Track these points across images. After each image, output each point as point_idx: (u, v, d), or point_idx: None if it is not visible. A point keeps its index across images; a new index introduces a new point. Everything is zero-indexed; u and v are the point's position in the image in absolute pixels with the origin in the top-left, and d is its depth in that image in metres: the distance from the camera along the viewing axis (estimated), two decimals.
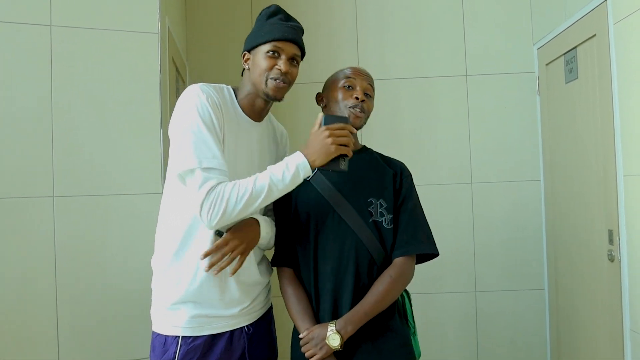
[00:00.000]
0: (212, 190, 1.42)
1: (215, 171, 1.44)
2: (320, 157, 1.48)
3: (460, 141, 3.19)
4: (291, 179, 1.47)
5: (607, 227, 2.38)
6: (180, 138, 1.47)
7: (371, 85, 1.75)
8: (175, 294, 1.56)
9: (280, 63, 1.58)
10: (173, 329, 1.56)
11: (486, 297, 3.16)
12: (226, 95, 1.62)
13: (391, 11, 3.23)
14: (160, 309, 1.60)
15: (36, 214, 2.06)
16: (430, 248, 1.68)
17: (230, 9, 3.25)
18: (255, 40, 1.60)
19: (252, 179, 1.46)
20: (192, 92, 1.52)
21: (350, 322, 1.57)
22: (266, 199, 1.46)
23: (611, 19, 2.30)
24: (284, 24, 1.61)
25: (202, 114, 1.47)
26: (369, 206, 1.65)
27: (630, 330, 2.23)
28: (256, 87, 1.61)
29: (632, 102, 2.18)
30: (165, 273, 1.58)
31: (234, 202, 1.42)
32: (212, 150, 1.45)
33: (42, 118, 2.08)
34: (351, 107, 1.67)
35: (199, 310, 1.55)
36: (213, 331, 1.57)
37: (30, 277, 2.05)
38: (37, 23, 2.07)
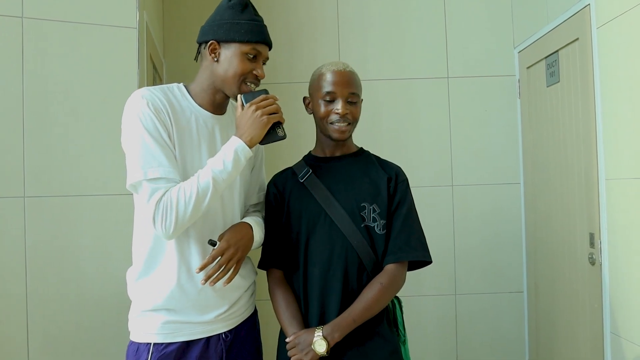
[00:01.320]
0: (160, 200, 1.39)
1: (162, 180, 1.41)
2: (256, 132, 1.46)
3: (441, 143, 3.18)
4: (233, 165, 1.44)
5: (588, 231, 2.39)
6: (127, 150, 1.45)
7: (355, 88, 1.66)
8: (148, 301, 1.51)
9: (258, 69, 1.54)
10: (145, 335, 1.51)
11: (466, 299, 3.15)
12: (177, 94, 1.55)
13: (373, 12, 3.20)
14: (134, 316, 1.55)
15: (7, 215, 1.97)
16: (423, 255, 1.64)
17: (207, 6, 3.18)
18: (233, 36, 1.51)
19: (195, 177, 1.42)
20: (133, 101, 1.46)
21: (338, 328, 1.53)
22: (214, 193, 1.43)
23: (594, 23, 2.30)
24: (259, 24, 1.54)
25: (145, 122, 1.43)
26: (362, 211, 1.61)
27: (610, 332, 2.24)
28: (224, 84, 1.54)
29: (614, 106, 2.19)
30: (138, 282, 1.53)
31: (184, 206, 1.39)
32: (158, 159, 1.41)
33: (12, 115, 1.98)
34: (332, 123, 1.62)
35: (172, 317, 1.50)
36: (187, 337, 1.51)
37: None
38: (8, 14, 1.97)
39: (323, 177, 1.65)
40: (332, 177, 1.66)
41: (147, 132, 1.42)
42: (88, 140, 2.08)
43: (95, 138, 2.08)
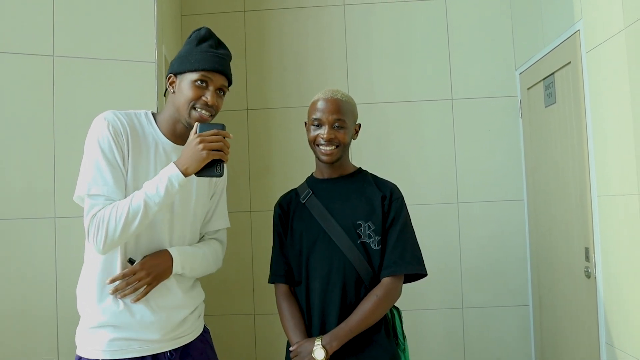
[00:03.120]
0: (95, 216, 1.47)
1: (102, 197, 1.49)
2: (193, 164, 1.49)
3: (446, 162, 3.31)
4: (165, 191, 1.48)
5: (583, 245, 2.49)
6: (82, 166, 1.54)
7: (341, 115, 1.75)
8: (94, 317, 1.56)
9: (207, 94, 1.58)
10: (93, 352, 1.55)
11: (472, 313, 3.25)
12: (142, 120, 1.64)
13: (379, 39, 3.37)
14: (82, 331, 1.60)
15: (39, 234, 2.19)
16: (417, 268, 1.75)
17: (224, 36, 3.37)
18: (183, 66, 1.59)
19: (129, 198, 1.49)
20: (96, 123, 1.56)
21: (336, 337, 1.67)
22: (145, 215, 1.48)
23: (584, 47, 2.43)
24: (213, 53, 1.60)
25: (102, 143, 1.52)
26: (357, 228, 1.74)
27: (605, 343, 2.33)
28: (179, 112, 1.61)
29: (604, 126, 2.30)
30: (86, 298, 1.59)
31: (114, 225, 1.46)
32: (104, 178, 1.50)
33: (45, 143, 2.20)
34: (319, 146, 1.75)
35: (118, 334, 1.55)
36: (134, 354, 1.55)
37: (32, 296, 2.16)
38: (41, 54, 2.20)
39: (322, 197, 1.79)
40: (330, 197, 1.79)
41: (102, 152, 1.51)
42: None
43: None
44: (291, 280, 1.81)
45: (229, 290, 3.22)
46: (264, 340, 3.21)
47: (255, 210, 3.30)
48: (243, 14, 3.41)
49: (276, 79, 3.37)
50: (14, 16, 2.19)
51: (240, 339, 3.23)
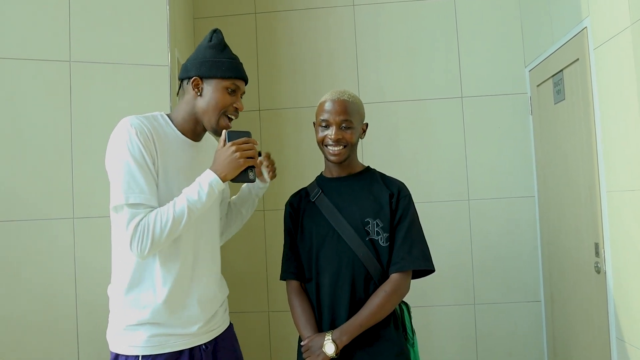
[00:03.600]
0: (138, 225, 1.51)
1: (142, 206, 1.53)
2: (231, 172, 1.59)
3: (457, 160, 3.34)
4: (207, 196, 1.56)
5: (593, 240, 2.50)
6: (112, 175, 1.56)
7: (348, 115, 1.79)
8: (133, 318, 1.61)
9: (237, 102, 1.69)
10: (132, 349, 1.60)
11: (484, 309, 3.28)
12: (161, 122, 1.69)
13: (389, 38, 3.41)
14: (118, 331, 1.64)
15: (59, 234, 2.26)
16: (424, 264, 1.78)
17: (236, 38, 3.45)
18: (213, 72, 1.65)
19: (172, 204, 1.55)
20: (122, 128, 1.58)
21: (346, 332, 1.71)
22: (189, 220, 1.55)
23: (591, 44, 2.45)
24: (237, 62, 1.70)
25: (132, 150, 1.54)
26: (366, 225, 1.78)
27: (616, 338, 2.34)
28: (205, 115, 1.67)
29: (613, 122, 2.32)
30: (122, 300, 1.63)
31: (160, 231, 1.52)
32: (140, 186, 1.53)
33: (63, 146, 2.27)
34: (327, 146, 1.80)
35: (157, 330, 1.61)
36: (172, 349, 1.62)
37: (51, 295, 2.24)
38: (58, 59, 2.27)
39: (331, 196, 1.84)
40: (338, 196, 1.84)
41: (133, 159, 1.53)
42: None
43: None
44: (302, 276, 1.85)
45: (244, 288, 3.28)
46: (279, 336, 3.26)
47: (269, 209, 3.35)
48: (254, 16, 3.46)
49: (287, 80, 3.42)
50: (32, 24, 2.26)
51: (255, 336, 3.29)
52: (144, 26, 2.41)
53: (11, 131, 2.22)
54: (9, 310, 2.17)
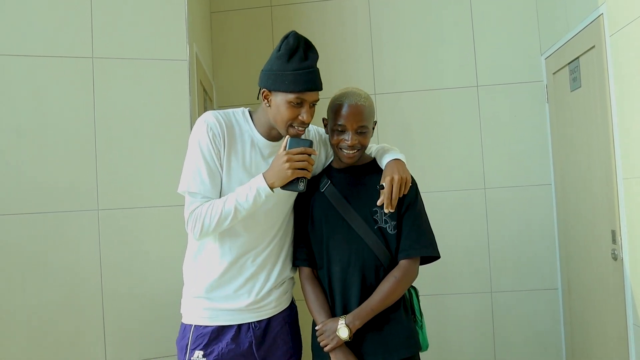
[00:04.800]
0: (193, 212, 1.70)
1: (199, 195, 1.71)
2: (278, 180, 1.66)
3: (473, 149, 3.35)
4: (254, 200, 1.67)
5: (610, 228, 2.51)
6: (185, 163, 1.75)
7: (364, 121, 1.79)
8: (193, 291, 1.82)
9: (303, 114, 1.69)
10: (190, 318, 1.83)
11: (502, 297, 3.30)
12: (240, 118, 1.79)
13: (404, 28, 3.42)
14: (184, 301, 1.87)
15: (84, 225, 2.33)
16: (431, 251, 1.83)
17: (252, 31, 3.50)
18: (278, 86, 1.68)
19: (223, 200, 1.69)
20: (198, 125, 1.74)
21: (358, 317, 1.76)
22: (235, 218, 1.69)
23: (607, 31, 2.44)
24: (305, 71, 1.67)
25: (201, 145, 1.71)
26: (374, 214, 1.82)
27: (633, 324, 2.35)
28: (276, 125, 1.74)
29: (628, 109, 2.32)
30: (187, 273, 1.86)
31: (209, 222, 1.68)
32: (202, 178, 1.70)
33: (86, 140, 2.34)
34: (342, 149, 1.81)
35: (209, 304, 1.79)
36: (221, 323, 1.79)
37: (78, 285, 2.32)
38: (81, 56, 2.34)
39: (340, 186, 1.87)
40: (347, 186, 1.87)
41: (201, 154, 1.71)
42: (148, 160, 2.41)
43: (154, 157, 2.41)
44: (313, 263, 1.90)
45: None
46: None
47: None
48: (270, 9, 3.50)
49: None
50: (55, 22, 2.32)
51: None
52: (163, 22, 2.45)
53: (37, 126, 2.29)
54: (36, 302, 2.25)
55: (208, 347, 1.77)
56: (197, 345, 1.78)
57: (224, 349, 1.77)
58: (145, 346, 2.37)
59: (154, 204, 2.40)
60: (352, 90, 1.84)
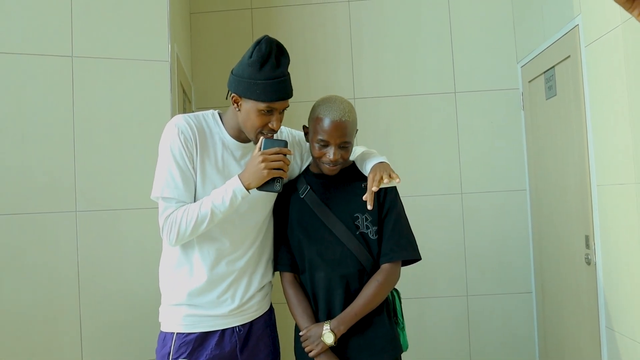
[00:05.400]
0: (168, 217, 1.68)
1: (173, 200, 1.69)
2: (255, 181, 1.66)
3: (450, 154, 3.40)
4: (230, 201, 1.66)
5: (584, 233, 2.58)
6: (157, 169, 1.73)
7: (347, 137, 1.77)
8: (173, 298, 1.79)
9: (273, 121, 1.70)
10: (170, 326, 1.79)
11: (477, 300, 3.35)
12: (210, 121, 1.79)
13: (384, 33, 3.46)
14: (163, 309, 1.83)
15: (61, 227, 2.29)
16: (412, 254, 1.85)
17: (232, 33, 3.48)
18: (248, 94, 1.66)
19: (199, 204, 1.67)
20: (168, 129, 1.73)
21: (343, 322, 1.77)
22: (211, 221, 1.67)
23: (583, 42, 2.51)
24: (277, 80, 1.66)
25: (173, 150, 1.69)
26: (355, 220, 1.83)
27: (605, 327, 2.42)
28: (245, 130, 1.74)
29: (603, 118, 2.38)
30: (165, 281, 1.82)
31: (185, 227, 1.67)
32: (176, 182, 1.69)
33: (65, 140, 2.30)
34: (325, 164, 1.80)
35: (192, 311, 1.76)
36: (205, 329, 1.77)
37: (55, 287, 2.27)
38: (60, 54, 2.29)
39: (319, 192, 1.87)
40: (328, 192, 1.87)
41: (173, 158, 1.69)
42: (128, 161, 2.38)
43: (134, 159, 2.38)
44: (295, 268, 1.90)
45: None
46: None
47: None
48: (250, 11, 3.49)
49: None
50: (35, 19, 2.28)
51: None
52: (145, 21, 2.43)
53: (14, 125, 2.24)
54: (13, 303, 2.20)
55: (192, 355, 1.75)
56: (180, 353, 1.75)
57: (208, 355, 1.76)
58: (123, 349, 2.33)
59: (133, 206, 2.37)
60: (336, 103, 1.79)
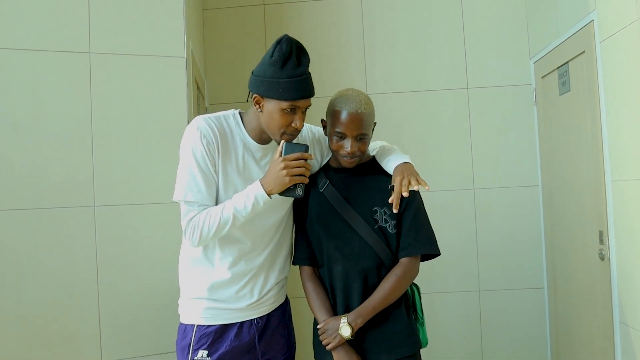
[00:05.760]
0: (191, 220, 1.71)
1: (195, 204, 1.71)
2: (276, 187, 1.67)
3: (462, 150, 3.41)
4: (252, 207, 1.67)
5: (597, 228, 2.58)
6: (178, 171, 1.75)
7: (364, 129, 1.78)
8: (193, 291, 1.83)
9: (296, 120, 1.69)
10: (191, 318, 1.82)
11: (489, 296, 3.36)
12: (231, 122, 1.79)
13: (396, 29, 3.46)
14: (183, 302, 1.87)
15: (80, 222, 2.31)
16: (431, 249, 1.86)
17: (245, 29, 3.50)
18: (271, 93, 1.66)
19: (221, 207, 1.69)
20: (190, 131, 1.73)
21: (360, 315, 1.78)
22: (233, 225, 1.69)
23: (598, 37, 2.51)
24: (299, 78, 1.66)
25: (195, 153, 1.70)
26: (374, 214, 1.84)
27: (619, 322, 2.42)
28: (267, 130, 1.74)
29: (618, 114, 2.38)
30: (185, 276, 1.87)
31: (207, 230, 1.69)
32: (198, 186, 1.70)
33: (83, 136, 2.32)
34: (342, 156, 1.81)
35: (211, 304, 1.80)
36: (224, 321, 1.81)
37: (73, 281, 2.30)
38: (78, 51, 2.32)
39: (339, 186, 1.88)
40: (347, 187, 1.88)
41: (195, 162, 1.70)
42: (145, 156, 2.40)
43: (151, 154, 2.40)
44: (314, 262, 1.91)
45: None
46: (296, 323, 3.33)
47: None
48: (263, 7, 3.50)
49: None
50: (52, 16, 2.29)
51: None
52: (162, 18, 2.44)
53: (33, 121, 2.26)
54: (32, 297, 2.23)
55: (212, 346, 1.79)
56: (200, 345, 1.79)
57: (227, 346, 1.80)
58: (140, 343, 2.36)
59: (150, 201, 2.39)
60: (353, 96, 1.80)
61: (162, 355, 2.35)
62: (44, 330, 2.24)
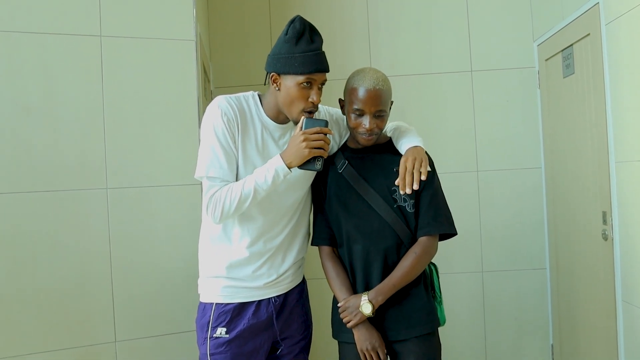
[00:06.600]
0: (213, 196, 1.73)
1: (217, 179, 1.74)
2: (296, 160, 1.70)
3: (466, 132, 3.44)
4: (272, 180, 1.71)
5: (601, 209, 2.62)
6: (200, 149, 1.78)
7: (382, 105, 1.81)
8: (212, 270, 1.87)
9: (313, 95, 1.74)
10: (210, 296, 1.87)
11: (492, 277, 3.42)
12: (250, 102, 1.83)
13: (400, 12, 3.47)
14: (202, 281, 1.91)
15: (92, 204, 2.34)
16: (449, 229, 1.90)
17: (250, 13, 3.50)
18: (288, 68, 1.72)
19: (242, 182, 1.73)
20: (211, 110, 1.77)
21: (380, 292, 1.82)
22: (255, 198, 1.73)
23: (603, 20, 2.53)
24: (314, 52, 1.72)
25: (216, 130, 1.74)
26: (393, 194, 1.87)
27: (622, 300, 2.48)
28: (284, 109, 1.78)
29: (623, 96, 2.41)
30: (204, 254, 1.90)
31: (229, 205, 1.72)
32: (220, 162, 1.74)
33: (95, 119, 2.34)
34: (360, 134, 1.84)
35: (230, 282, 1.84)
36: (242, 299, 1.85)
37: (87, 262, 2.34)
38: (89, 34, 2.33)
39: (358, 166, 1.91)
40: (365, 167, 1.91)
41: (217, 139, 1.74)
42: (157, 139, 2.43)
43: (162, 137, 2.43)
44: (334, 242, 1.95)
45: None
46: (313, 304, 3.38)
47: None
48: None
49: None
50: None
51: None
52: (171, 1, 2.45)
53: (45, 104, 2.28)
54: (47, 279, 2.27)
55: (231, 324, 1.83)
56: (219, 322, 1.83)
57: (245, 324, 1.84)
58: (154, 324, 2.40)
59: (162, 183, 2.42)
60: (370, 73, 1.84)
61: (175, 334, 2.40)
62: (59, 311, 2.28)
